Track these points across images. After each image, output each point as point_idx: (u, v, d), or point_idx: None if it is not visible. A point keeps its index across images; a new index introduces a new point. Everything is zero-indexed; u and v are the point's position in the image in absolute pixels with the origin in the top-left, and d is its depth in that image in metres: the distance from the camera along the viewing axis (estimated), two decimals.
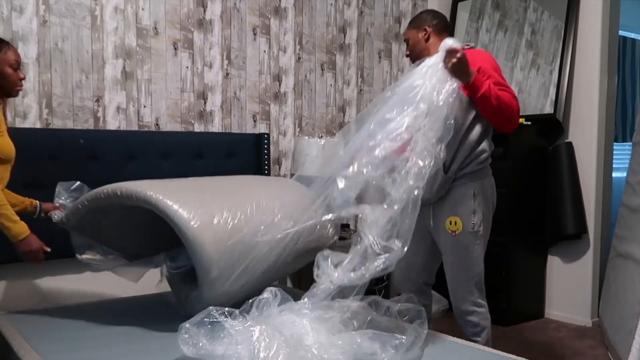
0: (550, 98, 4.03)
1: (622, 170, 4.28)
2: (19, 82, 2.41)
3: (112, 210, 2.58)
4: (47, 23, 3.12)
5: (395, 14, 4.56)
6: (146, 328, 2.53)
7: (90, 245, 2.65)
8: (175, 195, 2.34)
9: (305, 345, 1.88)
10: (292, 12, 4.02)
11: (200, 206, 2.32)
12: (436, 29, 2.66)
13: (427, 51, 2.62)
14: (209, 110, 3.70)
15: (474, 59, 2.42)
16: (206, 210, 2.32)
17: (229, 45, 3.76)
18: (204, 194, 2.48)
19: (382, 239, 2.08)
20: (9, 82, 2.37)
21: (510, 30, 4.35)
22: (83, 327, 2.58)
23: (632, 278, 2.98)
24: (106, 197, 2.42)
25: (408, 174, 2.15)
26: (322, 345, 1.89)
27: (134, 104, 3.42)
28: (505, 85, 2.49)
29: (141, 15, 3.42)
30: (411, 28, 2.71)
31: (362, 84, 4.41)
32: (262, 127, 3.92)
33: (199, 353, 1.88)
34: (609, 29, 3.91)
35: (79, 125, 3.24)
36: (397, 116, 2.26)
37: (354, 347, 1.93)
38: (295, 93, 4.07)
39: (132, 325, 2.57)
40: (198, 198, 2.40)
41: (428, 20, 2.68)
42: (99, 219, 2.61)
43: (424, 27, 2.66)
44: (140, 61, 3.42)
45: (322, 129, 4.19)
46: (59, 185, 2.66)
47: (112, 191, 2.39)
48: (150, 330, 2.50)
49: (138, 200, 2.33)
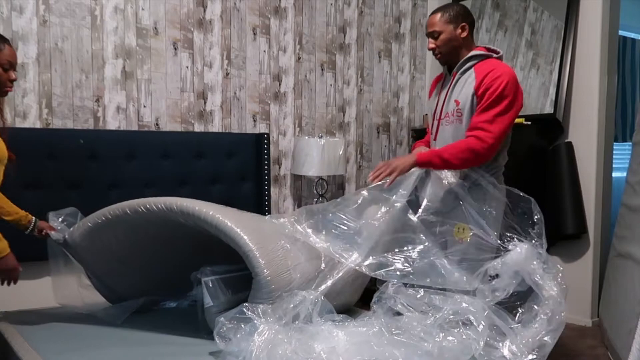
0: (550, 98, 4.03)
1: (622, 170, 4.27)
2: (8, 83, 2.26)
3: (126, 235, 2.57)
4: (47, 23, 3.12)
5: (395, 14, 4.56)
6: (146, 329, 2.53)
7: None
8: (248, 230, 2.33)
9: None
10: (292, 12, 4.02)
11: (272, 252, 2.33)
12: (471, 27, 2.54)
13: (460, 50, 2.52)
14: (209, 110, 3.70)
15: (492, 77, 2.39)
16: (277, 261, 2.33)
17: (228, 45, 3.76)
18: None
19: None
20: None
21: (510, 30, 4.35)
22: (83, 327, 2.58)
23: (632, 278, 2.98)
24: (149, 211, 2.40)
25: None
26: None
27: (134, 103, 3.42)
28: (489, 121, 2.39)
29: (141, 15, 3.42)
30: (446, 22, 2.50)
31: (362, 84, 4.40)
32: (262, 127, 3.92)
33: (229, 348, 1.94)
34: (609, 29, 3.91)
35: (78, 125, 3.24)
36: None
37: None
38: (295, 93, 4.07)
39: (133, 326, 2.57)
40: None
41: (465, 16, 2.52)
42: (104, 248, 2.59)
43: (462, 24, 2.50)
44: (140, 61, 3.42)
45: (322, 129, 4.19)
46: (51, 215, 2.60)
47: (167, 206, 2.38)
48: (149, 331, 2.51)
49: (199, 219, 2.32)
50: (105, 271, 2.71)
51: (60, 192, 3.02)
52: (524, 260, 2.19)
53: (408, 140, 4.67)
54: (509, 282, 2.18)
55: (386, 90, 4.53)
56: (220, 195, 3.60)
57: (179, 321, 2.64)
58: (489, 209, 2.40)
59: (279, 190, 4.01)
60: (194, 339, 2.41)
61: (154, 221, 2.47)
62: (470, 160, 2.39)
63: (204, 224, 2.32)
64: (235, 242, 2.26)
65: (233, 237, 2.26)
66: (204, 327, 2.37)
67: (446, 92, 2.56)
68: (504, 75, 2.39)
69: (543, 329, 2.11)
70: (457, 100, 2.49)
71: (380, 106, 4.51)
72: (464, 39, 2.51)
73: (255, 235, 2.31)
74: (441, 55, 2.55)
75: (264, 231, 2.46)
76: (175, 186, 3.43)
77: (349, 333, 2.00)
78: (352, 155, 4.38)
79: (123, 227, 2.53)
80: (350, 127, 4.36)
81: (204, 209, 2.33)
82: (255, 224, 2.53)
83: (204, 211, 2.32)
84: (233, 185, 3.66)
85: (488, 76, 2.40)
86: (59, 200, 2.94)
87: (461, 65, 2.52)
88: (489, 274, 2.22)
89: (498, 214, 2.43)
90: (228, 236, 2.27)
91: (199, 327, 2.43)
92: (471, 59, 2.50)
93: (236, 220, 2.34)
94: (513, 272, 2.18)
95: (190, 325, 2.56)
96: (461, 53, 2.52)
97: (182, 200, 2.41)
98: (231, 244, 2.28)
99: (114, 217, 2.48)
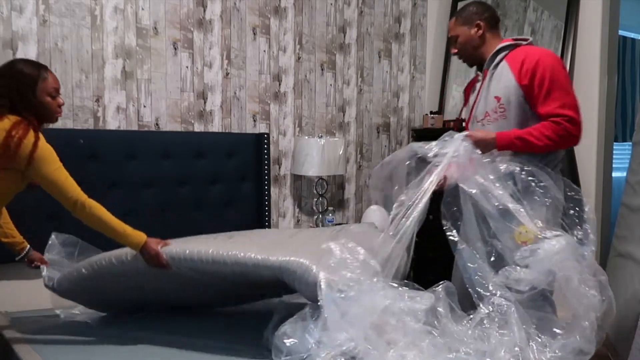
0: None
1: (622, 170, 4.27)
2: (58, 109, 2.29)
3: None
4: (47, 23, 3.12)
5: (395, 14, 4.55)
6: (145, 330, 2.53)
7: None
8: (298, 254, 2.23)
9: None
10: (291, 12, 4.02)
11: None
12: (489, 22, 2.47)
13: (481, 49, 2.48)
14: (209, 110, 3.69)
15: (531, 62, 2.31)
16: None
17: (228, 45, 3.75)
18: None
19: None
20: (49, 111, 2.26)
21: (510, 30, 4.35)
22: (83, 327, 2.58)
23: (632, 278, 2.98)
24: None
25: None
26: None
27: (134, 103, 3.42)
28: (562, 98, 2.29)
29: (141, 15, 3.42)
30: (460, 24, 2.48)
31: (362, 84, 4.40)
32: (262, 127, 3.92)
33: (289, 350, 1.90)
34: (609, 29, 3.91)
35: (78, 125, 3.23)
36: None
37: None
38: (295, 93, 4.07)
39: (133, 326, 2.57)
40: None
41: (479, 13, 2.48)
42: (97, 290, 2.53)
43: (476, 22, 2.46)
44: (140, 61, 3.42)
45: (322, 129, 4.19)
46: (54, 236, 2.56)
47: (200, 256, 2.26)
48: (149, 332, 2.50)
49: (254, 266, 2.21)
50: (101, 303, 2.68)
51: None
52: (558, 256, 2.03)
53: (408, 140, 4.66)
54: (538, 278, 2.04)
55: (386, 90, 4.53)
56: (220, 195, 3.60)
57: (179, 327, 2.63)
58: (547, 202, 2.24)
59: (279, 190, 4.01)
60: (196, 340, 2.41)
61: (144, 272, 2.37)
62: (565, 137, 2.30)
63: (214, 265, 2.24)
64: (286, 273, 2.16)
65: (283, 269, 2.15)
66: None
67: (479, 92, 2.49)
68: (542, 57, 2.33)
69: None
70: (497, 96, 2.40)
71: (380, 106, 4.51)
72: (482, 37, 2.46)
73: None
74: (464, 59, 2.54)
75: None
76: (175, 186, 3.43)
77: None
78: (352, 155, 4.38)
79: (114, 274, 2.43)
80: (350, 127, 4.36)
81: (202, 250, 2.24)
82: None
83: (210, 251, 2.24)
84: (233, 185, 3.66)
85: (526, 64, 2.32)
86: None
87: (490, 61, 2.45)
88: (516, 262, 2.10)
89: (556, 211, 2.28)
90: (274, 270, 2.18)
91: (203, 329, 2.44)
92: (499, 52, 2.43)
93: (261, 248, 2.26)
94: (546, 268, 2.03)
95: (192, 327, 2.57)
96: (485, 51, 2.46)
97: (172, 247, 2.32)
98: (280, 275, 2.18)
99: (100, 267, 2.41)
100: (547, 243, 2.07)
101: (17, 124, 2.14)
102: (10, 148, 2.09)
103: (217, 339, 2.42)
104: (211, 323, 2.67)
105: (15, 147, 2.09)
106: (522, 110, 2.36)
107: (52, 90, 2.25)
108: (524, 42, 2.43)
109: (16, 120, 2.16)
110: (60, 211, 2.28)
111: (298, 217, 4.11)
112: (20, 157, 2.12)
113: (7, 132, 2.11)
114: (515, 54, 2.39)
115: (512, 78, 2.35)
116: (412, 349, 1.87)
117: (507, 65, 2.38)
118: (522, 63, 2.33)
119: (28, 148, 2.12)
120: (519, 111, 2.36)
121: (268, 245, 2.37)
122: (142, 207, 3.31)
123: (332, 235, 2.54)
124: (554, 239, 2.08)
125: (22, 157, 2.12)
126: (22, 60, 2.32)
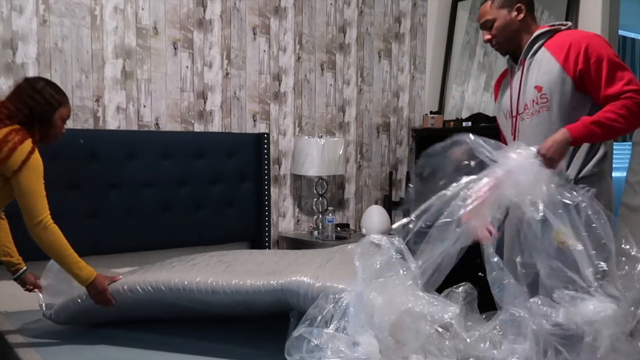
0: None
1: (622, 170, 4.27)
2: (60, 135, 2.43)
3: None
4: (47, 23, 3.12)
5: (395, 14, 4.55)
6: (145, 330, 2.53)
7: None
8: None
9: None
10: (291, 12, 4.02)
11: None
12: (528, 7, 2.30)
13: (518, 35, 2.30)
14: (209, 110, 3.69)
15: (581, 46, 2.13)
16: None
17: (228, 45, 3.75)
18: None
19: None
20: (55, 134, 2.38)
21: None
22: (83, 327, 2.58)
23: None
24: (143, 292, 2.33)
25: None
26: None
27: (134, 103, 3.42)
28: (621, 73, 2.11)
29: (141, 15, 3.42)
30: (497, 7, 2.30)
31: (362, 84, 4.40)
32: (262, 126, 3.92)
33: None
34: (609, 28, 3.91)
35: (78, 125, 3.23)
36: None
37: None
38: (295, 93, 4.07)
39: (133, 326, 2.56)
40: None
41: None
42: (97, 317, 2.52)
43: (517, 5, 2.28)
44: (140, 61, 3.42)
45: (322, 129, 4.19)
46: (52, 261, 2.51)
47: (199, 287, 2.25)
48: (150, 333, 2.50)
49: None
50: (103, 322, 2.65)
51: (60, 192, 3.01)
52: (599, 325, 1.77)
53: (408, 140, 4.67)
54: (569, 327, 1.84)
55: (386, 90, 4.53)
56: (220, 195, 3.60)
57: (178, 327, 2.63)
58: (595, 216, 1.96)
59: (279, 190, 4.01)
60: (197, 341, 2.41)
61: (143, 302, 2.36)
62: (638, 113, 2.10)
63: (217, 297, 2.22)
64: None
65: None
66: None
67: (519, 83, 2.31)
68: (592, 40, 2.17)
69: None
70: (537, 86, 2.23)
71: (380, 106, 4.51)
72: (522, 21, 2.29)
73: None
74: (499, 45, 2.34)
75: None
76: (175, 186, 3.43)
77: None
78: (352, 155, 4.38)
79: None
80: (350, 127, 4.36)
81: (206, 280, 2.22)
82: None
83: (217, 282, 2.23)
84: (233, 185, 3.66)
85: (574, 49, 2.16)
86: (58, 200, 2.93)
87: (528, 49, 2.29)
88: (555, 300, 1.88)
89: (606, 228, 1.96)
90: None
91: (209, 329, 2.42)
92: (537, 39, 2.28)
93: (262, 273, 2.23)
94: (581, 323, 1.81)
95: (196, 327, 2.56)
96: (523, 37, 2.30)
97: (170, 277, 2.31)
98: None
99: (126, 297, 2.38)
100: (594, 303, 1.83)
101: (16, 130, 2.21)
102: (2, 151, 2.14)
103: (222, 340, 2.40)
104: (218, 323, 2.61)
105: (9, 151, 2.15)
106: (567, 99, 2.19)
107: (66, 117, 2.41)
108: (563, 27, 2.27)
109: (15, 127, 2.22)
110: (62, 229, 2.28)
111: (298, 217, 4.11)
112: (10, 162, 2.16)
113: (4, 136, 2.17)
114: (556, 40, 2.24)
115: (556, 65, 2.19)
116: (419, 352, 1.86)
117: (548, 52, 2.23)
118: (569, 48, 2.17)
119: (23, 155, 2.17)
120: (563, 100, 2.19)
121: (267, 270, 2.34)
122: (142, 207, 3.31)
123: (328, 257, 2.48)
124: (605, 303, 1.83)
125: (13, 162, 2.16)
126: (51, 82, 2.42)
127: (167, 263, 2.62)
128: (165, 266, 2.53)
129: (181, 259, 2.70)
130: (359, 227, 4.25)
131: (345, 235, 3.92)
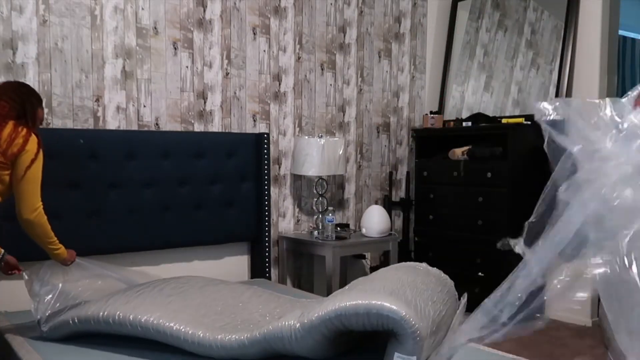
0: (550, 98, 4.03)
1: None
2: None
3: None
4: (47, 23, 3.12)
5: (395, 14, 4.55)
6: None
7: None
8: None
9: None
10: (291, 12, 4.02)
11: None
12: None
13: None
14: (209, 110, 3.69)
15: None
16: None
17: (228, 45, 3.76)
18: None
19: None
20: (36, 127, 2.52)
21: (510, 30, 4.35)
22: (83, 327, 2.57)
23: None
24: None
25: None
26: None
27: (134, 103, 3.42)
28: None
29: (141, 14, 3.42)
30: None
31: (362, 84, 4.40)
32: (262, 126, 3.92)
33: None
34: (609, 28, 3.91)
35: (78, 125, 3.24)
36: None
37: None
38: (295, 93, 4.07)
39: None
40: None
41: None
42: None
43: None
44: (140, 61, 3.42)
45: (322, 129, 4.19)
46: (46, 266, 2.53)
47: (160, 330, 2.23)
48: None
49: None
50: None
51: (60, 192, 3.01)
52: None
53: (408, 140, 4.67)
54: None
55: (386, 90, 4.53)
56: (220, 195, 3.60)
57: None
58: None
59: (279, 190, 4.01)
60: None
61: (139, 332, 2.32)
62: None
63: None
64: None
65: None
66: None
67: None
68: None
69: None
70: None
71: (380, 106, 4.51)
72: None
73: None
74: None
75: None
76: (175, 186, 3.43)
77: None
78: (352, 155, 4.38)
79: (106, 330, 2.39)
80: (350, 126, 4.36)
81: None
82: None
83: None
84: (233, 185, 3.66)
85: None
86: (58, 199, 2.95)
87: None
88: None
89: None
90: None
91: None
92: None
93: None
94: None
95: None
96: None
97: (162, 319, 2.26)
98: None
99: (90, 324, 2.37)
100: None
101: (22, 125, 2.39)
102: (15, 144, 2.31)
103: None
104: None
105: (24, 143, 2.33)
106: None
107: (42, 118, 2.58)
108: None
109: (18, 122, 2.39)
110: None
111: (298, 217, 4.11)
112: (26, 154, 2.34)
113: (14, 126, 2.35)
114: None
115: None
116: None
117: None
118: None
119: (34, 146, 2.36)
120: None
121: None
122: (142, 207, 3.31)
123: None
124: None
125: (29, 154, 2.34)
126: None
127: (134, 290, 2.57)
128: (131, 295, 2.48)
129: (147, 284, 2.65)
130: (358, 227, 4.25)
131: (345, 235, 3.92)
